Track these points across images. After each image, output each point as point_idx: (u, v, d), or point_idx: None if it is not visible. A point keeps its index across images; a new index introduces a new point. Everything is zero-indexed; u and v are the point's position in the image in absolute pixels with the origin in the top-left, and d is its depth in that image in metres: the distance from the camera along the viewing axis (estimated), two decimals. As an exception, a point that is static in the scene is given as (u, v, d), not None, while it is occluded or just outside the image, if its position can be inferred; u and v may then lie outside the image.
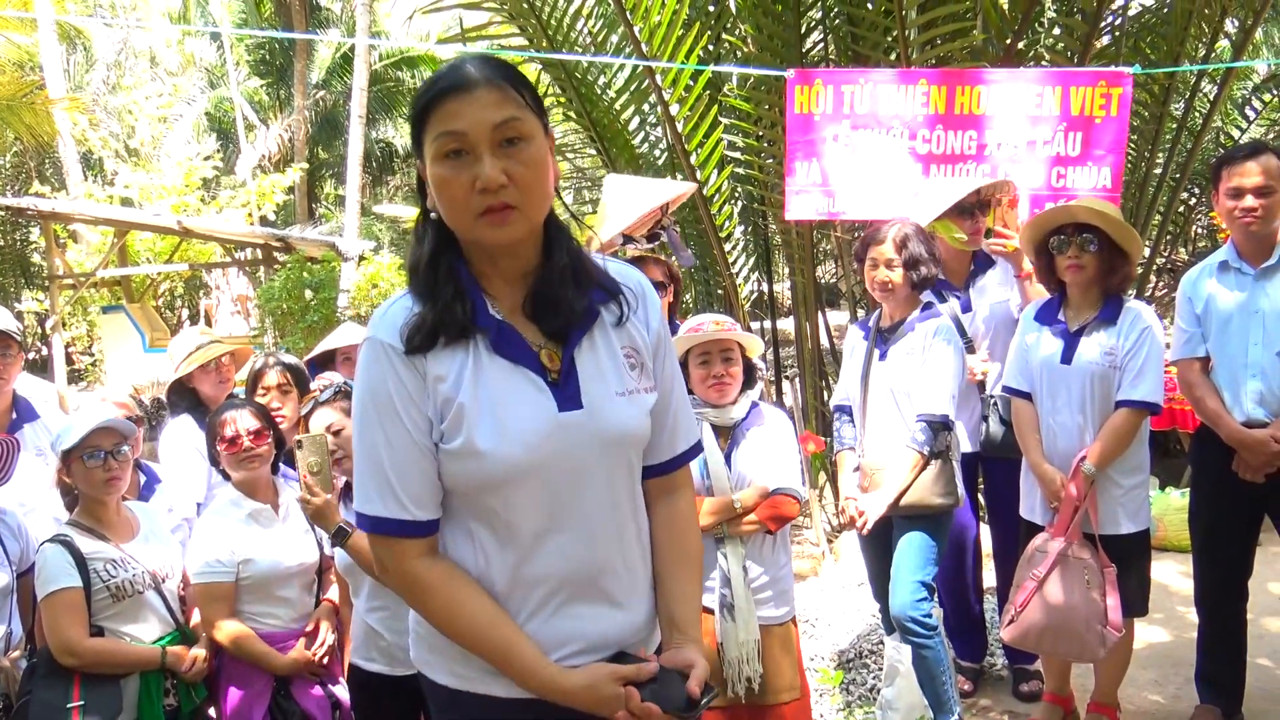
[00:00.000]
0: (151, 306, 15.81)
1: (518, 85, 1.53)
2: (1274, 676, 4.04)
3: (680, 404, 1.78)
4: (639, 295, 1.71)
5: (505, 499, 1.57)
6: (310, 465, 2.71)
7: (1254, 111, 9.02)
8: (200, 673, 2.90)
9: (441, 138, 1.50)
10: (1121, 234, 3.27)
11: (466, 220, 1.53)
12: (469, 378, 1.57)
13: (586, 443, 1.59)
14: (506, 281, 1.63)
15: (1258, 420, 3.34)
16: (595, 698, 1.56)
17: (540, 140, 1.55)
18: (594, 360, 1.64)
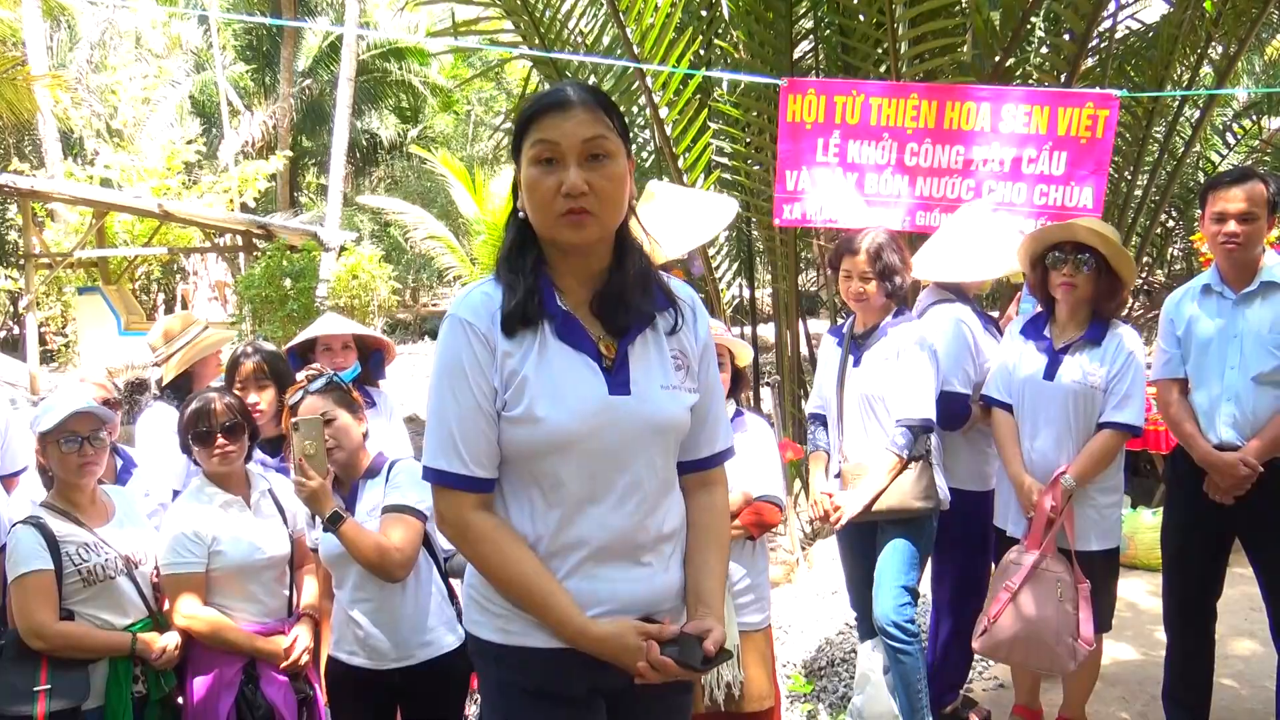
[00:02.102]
0: (128, 289, 15.66)
1: (609, 111, 1.77)
2: (1239, 696, 4.09)
3: (718, 408, 1.99)
4: (693, 309, 1.95)
5: (554, 465, 1.78)
6: (305, 448, 2.69)
7: (1234, 137, 9.14)
8: (170, 661, 2.87)
9: (537, 145, 1.74)
10: (1118, 258, 3.30)
11: (549, 220, 1.75)
12: (534, 356, 1.79)
13: (630, 424, 1.80)
14: (577, 279, 1.85)
15: (1230, 443, 3.38)
16: (620, 645, 1.75)
17: (622, 160, 1.77)
18: (645, 356, 1.86)
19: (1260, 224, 3.36)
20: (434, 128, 26.89)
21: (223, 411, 2.96)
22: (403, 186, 23.97)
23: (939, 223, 4.75)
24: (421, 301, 25.92)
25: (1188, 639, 3.64)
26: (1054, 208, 4.52)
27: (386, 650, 2.82)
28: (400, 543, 2.74)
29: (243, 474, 3.07)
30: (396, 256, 21.21)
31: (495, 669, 1.88)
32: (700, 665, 1.75)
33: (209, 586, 2.91)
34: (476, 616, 1.89)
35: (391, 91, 24.93)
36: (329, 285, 11.01)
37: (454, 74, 24.49)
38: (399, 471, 2.89)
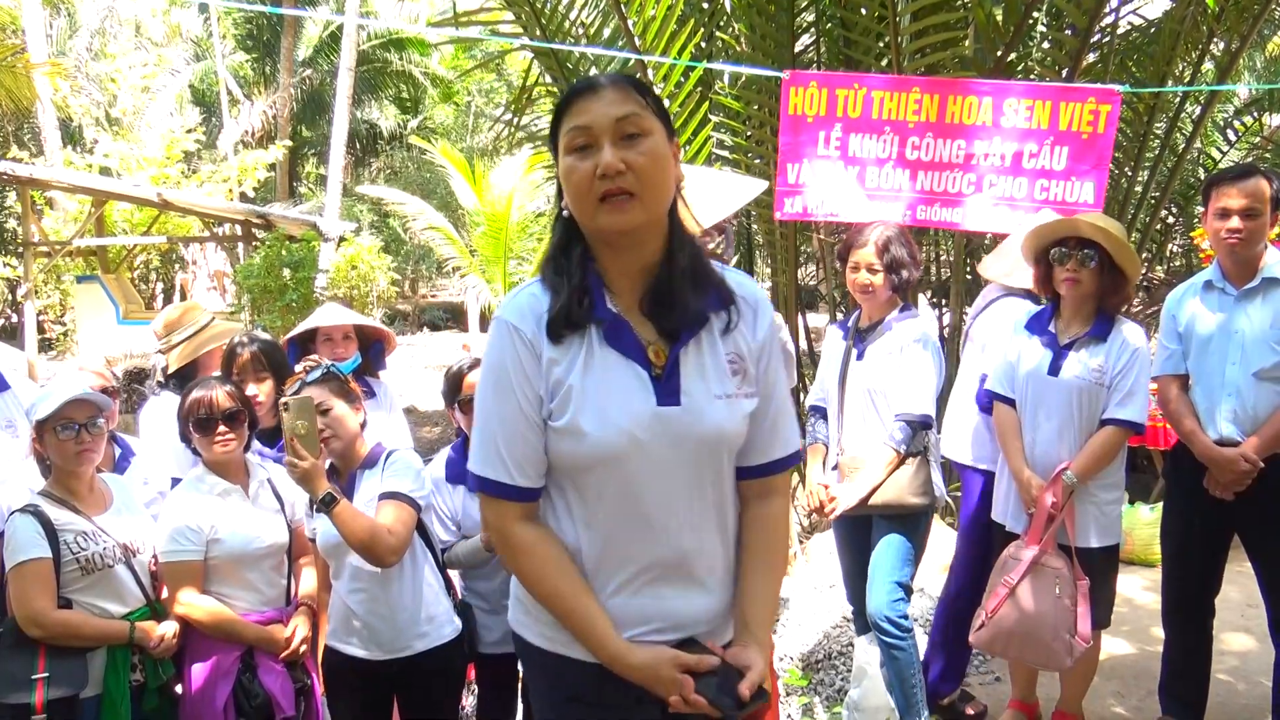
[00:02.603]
0: (127, 278, 15.65)
1: (641, 90, 1.70)
2: (1236, 691, 4.10)
3: (781, 411, 1.85)
4: (752, 305, 1.81)
5: (600, 479, 1.72)
6: (296, 428, 2.67)
7: (1235, 134, 9.13)
8: (168, 649, 2.88)
9: (570, 132, 1.67)
10: (1122, 254, 3.29)
11: (589, 207, 1.67)
12: (580, 363, 1.71)
13: (680, 437, 1.71)
14: (627, 277, 1.75)
15: (1230, 439, 3.38)
16: (654, 677, 1.68)
17: (659, 137, 1.68)
18: (698, 361, 1.74)
19: (1263, 220, 3.36)
20: (434, 118, 26.84)
21: (223, 400, 2.96)
22: (402, 177, 23.94)
23: (940, 217, 4.74)
24: (421, 293, 25.91)
25: (1186, 635, 3.65)
26: (1055, 203, 4.51)
27: (383, 641, 2.82)
28: (393, 527, 2.73)
29: (242, 463, 3.07)
30: (396, 247, 21.21)
31: (539, 673, 1.87)
32: (734, 708, 1.64)
33: (207, 575, 2.91)
34: (521, 617, 1.86)
35: (392, 82, 24.89)
36: (328, 276, 11.00)
37: (454, 65, 24.41)
38: (395, 461, 2.89)
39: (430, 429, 10.22)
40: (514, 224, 14.98)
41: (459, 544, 3.10)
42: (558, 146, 1.71)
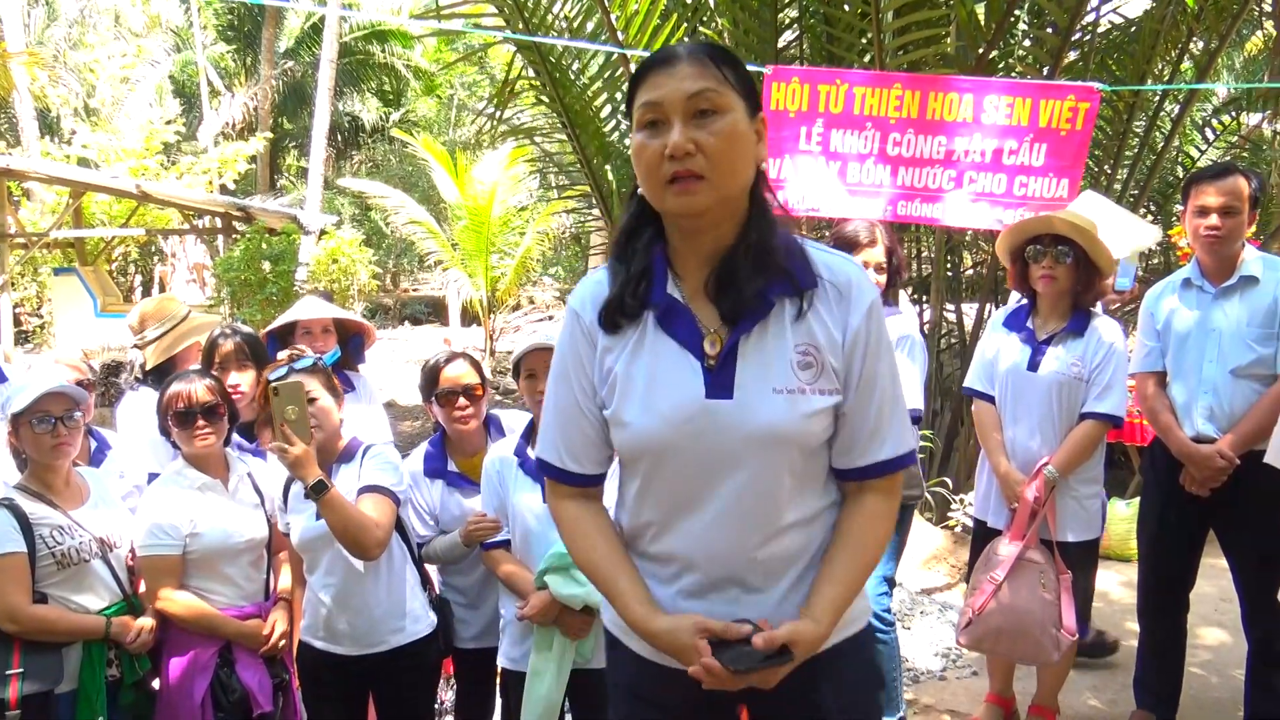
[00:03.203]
0: (105, 271, 15.53)
1: (721, 63, 1.57)
2: (1209, 684, 4.14)
3: (886, 410, 1.67)
4: (842, 291, 1.64)
5: (649, 471, 1.68)
6: (287, 413, 2.65)
7: (1213, 133, 9.19)
8: (145, 644, 2.85)
9: (641, 108, 1.58)
10: (1097, 251, 3.32)
11: (657, 188, 1.58)
12: (630, 351, 1.66)
13: (729, 433, 1.61)
14: (696, 259, 1.66)
15: (1207, 436, 3.41)
16: (672, 643, 1.61)
17: (736, 116, 1.56)
18: (759, 351, 1.62)
19: (1241, 218, 3.39)
20: (416, 111, 26.71)
21: (203, 393, 2.94)
22: (384, 170, 23.81)
23: (920, 212, 4.76)
24: (402, 286, 25.80)
25: (1160, 629, 3.68)
26: (1033, 199, 4.54)
27: (358, 636, 2.82)
28: (378, 520, 2.73)
29: (221, 457, 3.05)
30: (377, 241, 21.09)
31: (611, 654, 1.86)
32: (747, 664, 1.56)
33: (186, 570, 2.89)
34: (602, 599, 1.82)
35: (374, 74, 24.73)
36: (309, 269, 10.94)
37: (437, 57, 24.32)
38: (373, 455, 2.88)
39: (411, 423, 10.19)
40: (496, 218, 14.92)
41: (437, 539, 3.10)
42: (632, 118, 1.62)
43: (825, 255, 1.68)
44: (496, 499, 2.95)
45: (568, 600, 2.73)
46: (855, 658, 1.78)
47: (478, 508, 3.02)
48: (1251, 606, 3.49)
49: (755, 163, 1.63)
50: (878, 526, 1.70)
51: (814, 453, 1.67)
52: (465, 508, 3.09)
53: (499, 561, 2.92)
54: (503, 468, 2.95)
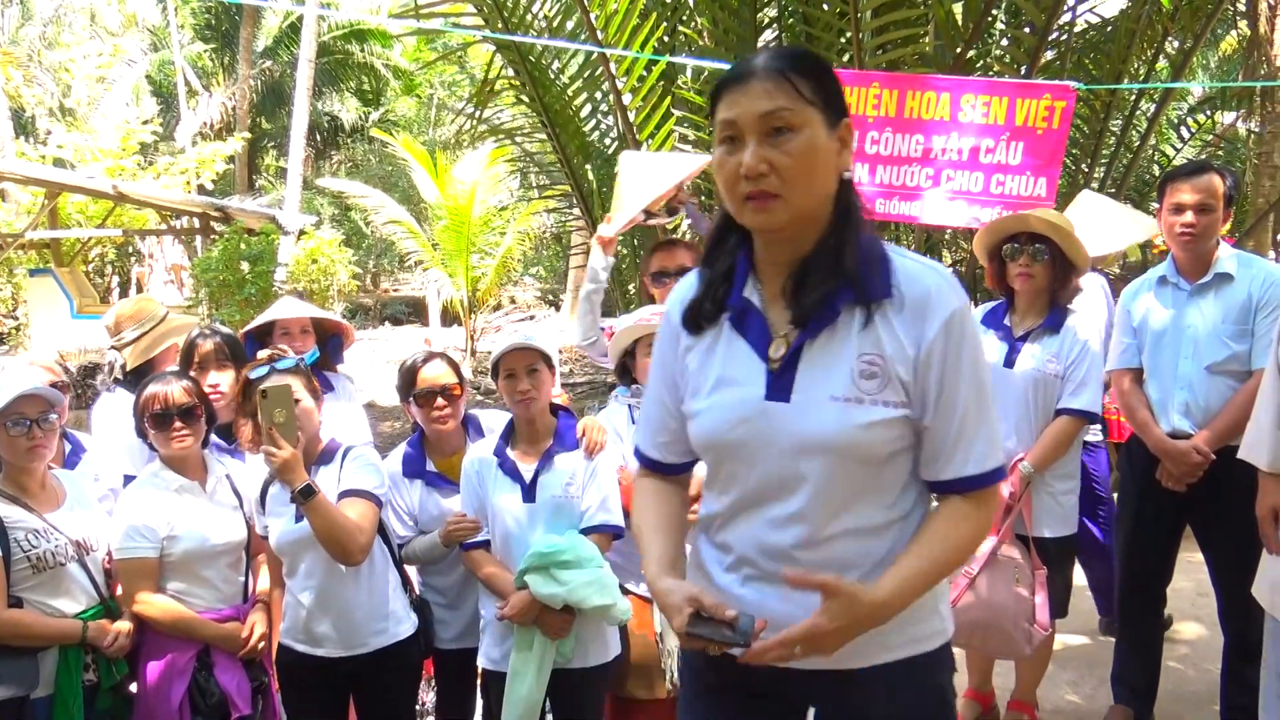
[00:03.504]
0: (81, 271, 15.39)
1: (800, 77, 1.57)
2: (1186, 678, 4.17)
3: (970, 427, 1.62)
4: (919, 303, 1.61)
5: (714, 465, 1.76)
6: (275, 416, 2.64)
7: (1189, 131, 9.28)
8: (122, 649, 2.83)
9: (719, 125, 1.62)
10: (1071, 247, 3.34)
11: (735, 204, 1.62)
12: (706, 350, 1.73)
13: (783, 435, 1.62)
14: (778, 266, 1.68)
15: (1183, 432, 3.44)
16: (666, 603, 1.65)
17: (812, 131, 1.57)
18: (822, 358, 1.62)
19: (1216, 216, 3.42)
20: (396, 111, 26.64)
21: (180, 395, 2.91)
22: (364, 170, 23.72)
23: (898, 210, 4.78)
24: (382, 287, 25.71)
25: (1138, 624, 3.71)
26: (1010, 197, 4.56)
27: (338, 639, 2.81)
28: (361, 524, 2.72)
29: (199, 459, 3.03)
30: (357, 241, 21.03)
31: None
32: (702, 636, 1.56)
33: (163, 573, 2.88)
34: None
35: (353, 74, 24.65)
36: (288, 269, 10.89)
37: (416, 57, 24.24)
38: (354, 457, 2.87)
39: (392, 423, 10.16)
40: (476, 218, 14.89)
41: (416, 539, 3.09)
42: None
43: (909, 264, 1.65)
44: (476, 499, 2.94)
45: (548, 600, 2.73)
46: (913, 680, 1.71)
47: (457, 508, 3.01)
48: (1227, 601, 3.52)
49: (837, 172, 1.63)
50: (960, 529, 1.65)
51: (877, 463, 1.64)
52: (444, 508, 3.08)
53: (479, 562, 2.92)
54: (482, 468, 2.95)
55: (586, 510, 2.89)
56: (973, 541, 1.69)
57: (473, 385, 12.65)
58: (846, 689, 1.68)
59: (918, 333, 1.60)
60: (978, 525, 1.68)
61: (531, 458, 2.93)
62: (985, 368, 1.66)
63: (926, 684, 1.73)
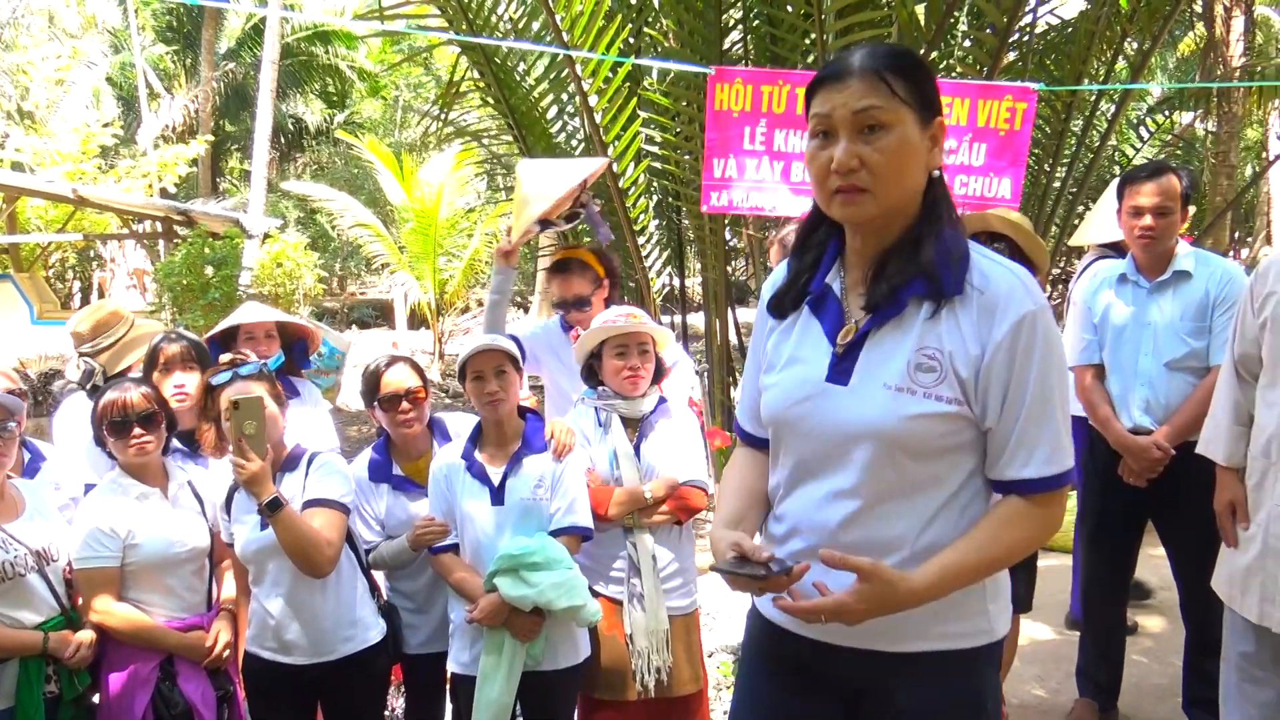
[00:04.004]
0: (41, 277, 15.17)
1: (894, 76, 1.61)
2: (1150, 671, 4.23)
3: (1031, 430, 1.64)
4: (991, 303, 1.64)
5: (777, 439, 1.83)
6: (245, 428, 2.62)
7: (1148, 131, 9.41)
8: (84, 659, 2.78)
9: (813, 119, 1.67)
10: (1030, 245, 3.38)
11: (824, 196, 1.68)
12: (784, 331, 1.83)
13: (837, 417, 1.69)
14: (863, 256, 1.73)
15: (1143, 427, 3.49)
16: (715, 550, 1.73)
17: (904, 129, 1.61)
18: (885, 346, 1.68)
19: (1174, 217, 3.47)
20: (361, 113, 26.46)
21: (139, 401, 2.87)
22: (329, 173, 23.55)
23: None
24: (349, 290, 25.53)
25: (1100, 617, 3.76)
26: (974, 198, 4.61)
27: (306, 646, 2.78)
28: (329, 536, 2.71)
29: (160, 465, 2.99)
30: (323, 244, 20.86)
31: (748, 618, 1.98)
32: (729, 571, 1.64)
33: (125, 581, 2.83)
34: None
35: (317, 75, 24.44)
36: (252, 273, 10.78)
37: (382, 58, 24.09)
38: (320, 464, 2.85)
39: (359, 427, 10.09)
40: (443, 220, 14.83)
41: (384, 544, 3.07)
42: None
43: (989, 265, 1.68)
44: (444, 503, 2.93)
45: (517, 602, 2.73)
46: (946, 674, 1.72)
47: (424, 512, 3.00)
48: (1188, 594, 3.58)
49: (926, 169, 1.67)
50: (1011, 530, 1.67)
51: (928, 456, 1.66)
52: (411, 512, 3.06)
53: (447, 565, 2.91)
54: (450, 471, 2.94)
55: (555, 512, 2.89)
56: (1026, 544, 1.70)
57: (440, 388, 12.60)
58: (883, 672, 1.73)
59: (985, 332, 1.63)
60: (1035, 528, 1.69)
61: (500, 460, 2.92)
62: (1057, 373, 1.66)
63: (960, 681, 1.74)
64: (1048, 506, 1.69)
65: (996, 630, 1.77)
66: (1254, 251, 18.14)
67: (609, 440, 3.09)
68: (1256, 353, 2.80)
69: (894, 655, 1.70)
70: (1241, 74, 9.90)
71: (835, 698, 1.81)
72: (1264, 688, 2.77)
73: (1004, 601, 1.79)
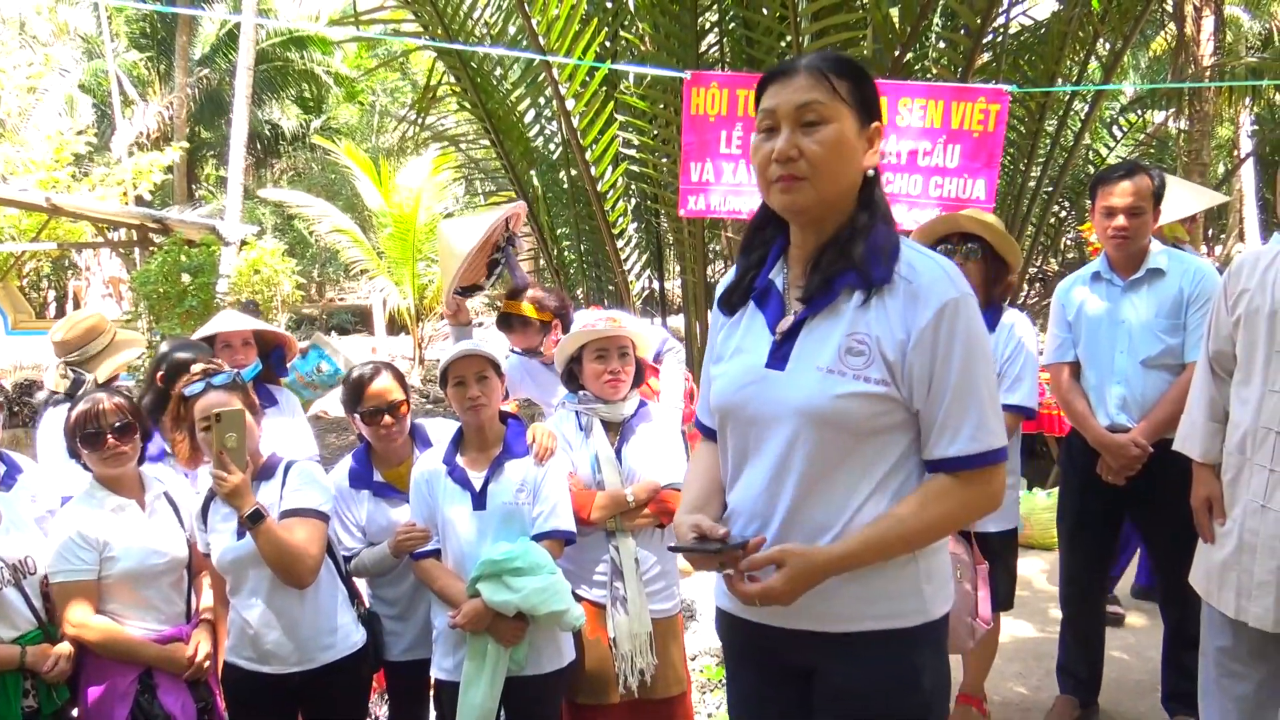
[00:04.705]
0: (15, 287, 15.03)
1: (837, 76, 1.73)
2: (1129, 667, 4.26)
3: (956, 410, 1.73)
4: (915, 291, 1.73)
5: (722, 427, 1.92)
6: (226, 441, 2.62)
7: (1121, 130, 9.48)
8: (62, 673, 2.76)
9: (760, 114, 1.78)
10: (1003, 244, 3.40)
11: (765, 185, 1.79)
12: (733, 325, 1.92)
13: (774, 401, 1.79)
14: (804, 251, 1.84)
15: (1120, 425, 3.51)
16: (678, 533, 1.87)
17: (842, 126, 1.73)
18: (818, 333, 1.78)
19: (1146, 217, 3.50)
20: (338, 118, 26.35)
21: (112, 411, 2.85)
22: (306, 179, 23.45)
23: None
24: (328, 296, 25.41)
25: (1081, 614, 3.78)
26: (948, 199, 4.63)
27: (286, 655, 2.77)
28: (309, 548, 2.70)
29: (135, 476, 2.97)
30: (301, 250, 20.77)
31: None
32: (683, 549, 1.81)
33: (102, 594, 2.81)
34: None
35: (293, 81, 24.31)
36: (230, 281, 10.71)
37: (358, 64, 24.01)
38: (297, 473, 2.84)
39: (339, 435, 10.04)
40: (422, 225, 14.80)
41: (365, 551, 3.05)
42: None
43: (916, 257, 1.78)
44: (426, 509, 2.92)
45: (500, 607, 2.72)
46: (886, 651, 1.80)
47: (405, 518, 2.99)
48: (1166, 590, 3.60)
49: (862, 168, 1.78)
50: (934, 505, 1.76)
51: (860, 436, 1.75)
52: (392, 519, 3.05)
53: (429, 571, 2.90)
54: (431, 477, 2.93)
55: (538, 517, 2.88)
56: (949, 518, 1.79)
57: (421, 393, 12.56)
58: (824, 653, 1.83)
59: (911, 318, 1.73)
60: (959, 504, 1.77)
61: (481, 465, 2.91)
62: (982, 358, 1.76)
63: (898, 658, 1.80)
64: (974, 484, 1.77)
65: (932, 610, 1.83)
66: (1227, 248, 18.34)
67: (590, 444, 3.09)
68: (1230, 349, 2.83)
69: (832, 636, 1.80)
70: (1212, 73, 10.00)
71: (793, 680, 1.90)
72: (1241, 681, 2.79)
73: (939, 583, 1.86)
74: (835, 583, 1.75)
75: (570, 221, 7.74)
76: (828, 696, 1.84)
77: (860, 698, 1.80)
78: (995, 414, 1.77)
